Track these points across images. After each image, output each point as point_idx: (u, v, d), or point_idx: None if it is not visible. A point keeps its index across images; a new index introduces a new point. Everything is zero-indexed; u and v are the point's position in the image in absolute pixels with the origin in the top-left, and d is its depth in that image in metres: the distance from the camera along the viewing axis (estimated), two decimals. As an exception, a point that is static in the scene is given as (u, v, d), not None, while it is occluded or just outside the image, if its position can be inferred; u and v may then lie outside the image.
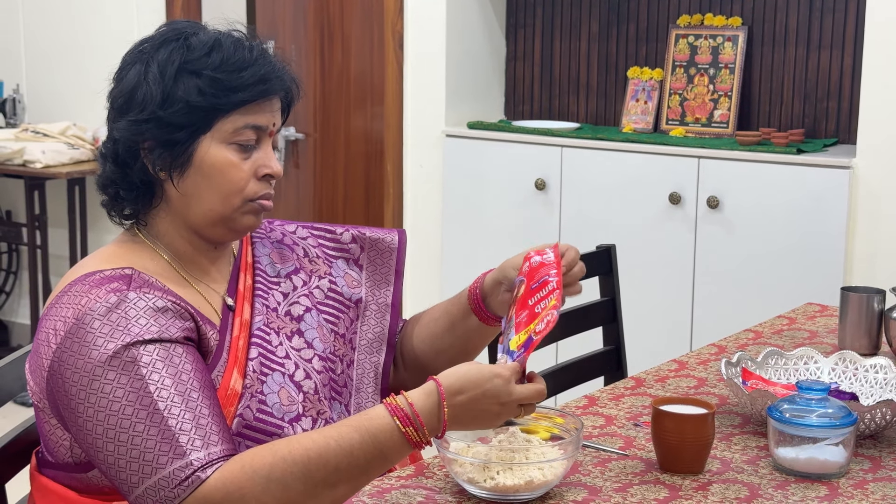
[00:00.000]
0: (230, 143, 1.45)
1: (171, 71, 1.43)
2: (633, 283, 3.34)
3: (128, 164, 1.46)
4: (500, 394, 1.36)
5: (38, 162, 4.30)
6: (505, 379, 1.37)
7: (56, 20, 4.74)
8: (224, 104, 1.43)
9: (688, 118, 3.68)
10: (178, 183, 1.45)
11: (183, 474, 1.28)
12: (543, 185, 3.69)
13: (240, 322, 1.50)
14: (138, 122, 1.43)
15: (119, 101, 1.46)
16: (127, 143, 1.45)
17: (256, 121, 1.46)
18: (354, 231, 1.71)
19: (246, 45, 1.47)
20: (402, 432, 1.34)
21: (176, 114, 1.42)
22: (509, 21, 4.11)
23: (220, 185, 1.45)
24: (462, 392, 1.36)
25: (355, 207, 4.35)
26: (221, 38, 1.47)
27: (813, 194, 3.22)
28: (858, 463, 1.61)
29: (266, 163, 1.48)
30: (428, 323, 1.72)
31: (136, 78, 1.44)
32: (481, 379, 1.36)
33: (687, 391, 1.93)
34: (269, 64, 1.47)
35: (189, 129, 1.43)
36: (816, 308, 2.50)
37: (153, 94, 1.43)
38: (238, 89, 1.44)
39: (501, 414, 1.38)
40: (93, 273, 1.41)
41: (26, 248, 4.64)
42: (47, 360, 1.36)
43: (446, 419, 1.35)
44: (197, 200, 1.46)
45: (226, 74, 1.43)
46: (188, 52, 1.44)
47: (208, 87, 1.43)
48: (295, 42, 4.39)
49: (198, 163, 1.44)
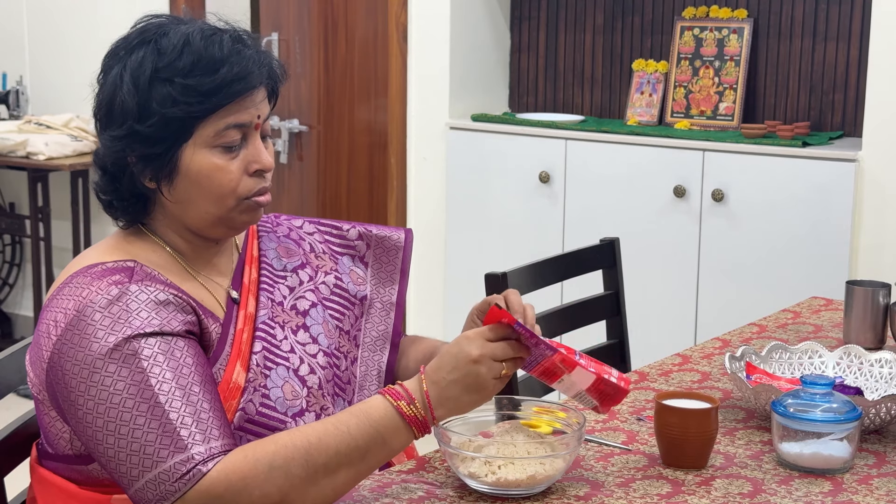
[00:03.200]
0: (214, 146, 1.41)
1: (144, 81, 1.39)
2: (637, 276, 3.33)
3: (117, 176, 1.44)
4: (469, 350, 1.37)
5: (41, 154, 4.30)
6: (469, 338, 1.38)
7: (59, 12, 4.74)
8: (199, 111, 1.39)
9: (693, 111, 3.67)
10: (169, 192, 1.44)
11: (184, 468, 1.27)
12: (548, 177, 3.67)
13: (244, 315, 1.49)
14: (119, 139, 1.41)
15: (100, 113, 1.44)
16: (113, 157, 1.43)
17: (238, 119, 1.42)
18: (361, 228, 1.70)
19: (217, 41, 1.42)
20: (395, 406, 1.36)
21: (153, 126, 1.39)
22: (514, 13, 4.10)
23: (211, 189, 1.43)
24: (439, 367, 1.38)
25: (359, 200, 4.35)
26: (191, 36, 1.41)
27: (818, 187, 3.21)
28: (863, 458, 1.60)
29: (255, 158, 1.44)
30: (413, 353, 1.70)
31: (113, 87, 1.41)
32: (450, 347, 1.39)
33: (690, 385, 1.92)
34: (243, 58, 1.42)
35: (168, 140, 1.40)
36: (821, 302, 2.49)
37: (129, 106, 1.39)
38: (212, 93, 1.39)
39: (481, 373, 1.37)
40: (94, 265, 1.40)
41: (29, 241, 4.64)
42: (47, 351, 1.36)
43: (427, 390, 1.36)
44: (191, 205, 1.44)
45: (198, 79, 1.39)
46: (159, 58, 1.40)
47: (181, 95, 1.38)
48: (299, 34, 4.38)
49: (184, 171, 1.42)
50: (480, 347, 1.37)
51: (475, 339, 1.38)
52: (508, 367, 1.39)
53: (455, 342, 1.40)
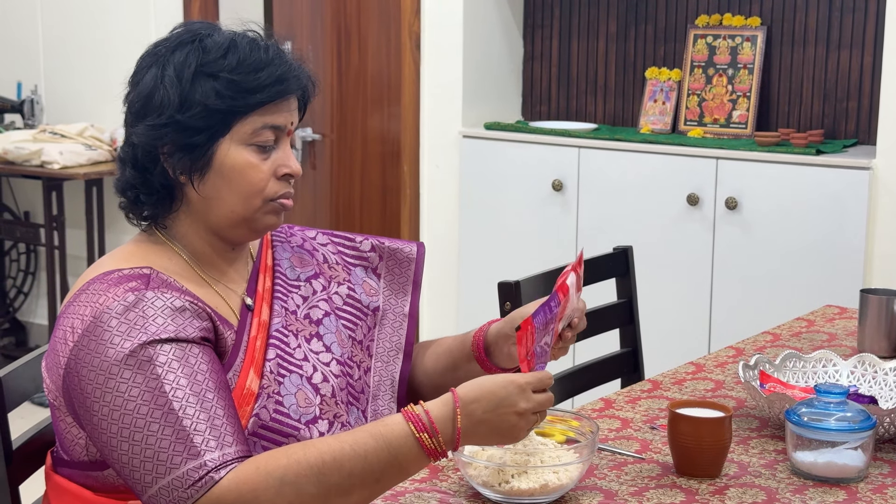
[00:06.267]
0: (249, 144, 1.45)
1: (188, 74, 1.43)
2: (650, 284, 3.33)
3: (147, 168, 1.46)
4: (517, 401, 1.35)
5: (55, 163, 4.31)
6: (519, 386, 1.36)
7: (74, 21, 4.76)
8: (242, 106, 1.43)
9: (706, 119, 3.66)
10: (199, 186, 1.45)
11: (197, 475, 1.28)
12: (561, 186, 3.67)
13: (258, 322, 1.50)
14: (156, 127, 1.43)
15: (136, 105, 1.46)
16: (146, 147, 1.45)
17: (275, 121, 1.46)
18: (374, 240, 1.71)
19: (261, 46, 1.47)
20: (416, 437, 1.33)
21: (194, 117, 1.42)
22: (527, 21, 4.10)
23: (241, 186, 1.45)
24: (477, 401, 1.35)
25: (372, 208, 4.35)
26: (237, 39, 1.47)
27: (832, 195, 3.20)
28: (877, 467, 1.59)
29: (285, 162, 1.48)
30: (431, 356, 1.70)
31: (153, 82, 1.44)
32: (496, 386, 1.36)
33: (704, 394, 1.91)
34: (285, 63, 1.47)
35: (208, 132, 1.43)
36: (835, 310, 2.49)
37: (170, 97, 1.42)
38: (255, 90, 1.44)
39: (518, 425, 1.36)
40: (111, 272, 1.41)
41: (44, 249, 4.66)
42: (64, 357, 1.36)
43: (460, 427, 1.34)
44: (217, 203, 1.46)
45: (242, 76, 1.43)
46: (204, 55, 1.44)
47: (225, 89, 1.42)
48: (312, 42, 4.39)
49: (217, 165, 1.45)
50: (528, 401, 1.36)
51: (526, 391, 1.36)
52: (539, 419, 1.39)
53: (504, 384, 1.36)
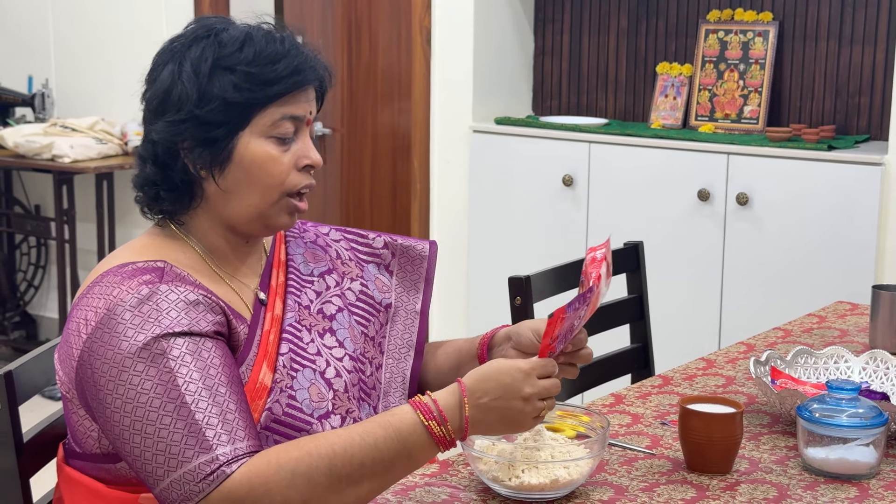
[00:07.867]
0: (269, 136, 1.45)
1: (205, 68, 1.43)
2: (661, 280, 3.32)
3: (168, 164, 1.46)
4: (521, 387, 1.36)
5: (66, 157, 4.32)
6: (524, 372, 1.37)
7: (85, 16, 4.77)
8: (260, 98, 1.44)
9: (717, 114, 3.65)
10: (220, 180, 1.46)
11: (208, 468, 1.28)
12: (571, 181, 3.67)
13: (271, 317, 1.50)
14: (176, 123, 1.44)
15: (154, 102, 1.46)
16: (166, 144, 1.45)
17: (294, 111, 1.47)
18: (386, 238, 1.72)
19: (277, 38, 1.47)
20: (426, 426, 1.34)
21: (213, 111, 1.43)
22: (538, 16, 4.10)
23: (261, 179, 1.46)
24: (483, 388, 1.36)
25: (382, 203, 4.36)
26: (252, 32, 1.47)
27: (844, 191, 3.19)
28: (889, 464, 1.59)
29: (306, 153, 1.49)
30: (441, 355, 1.70)
31: (170, 78, 1.45)
32: (500, 373, 1.37)
33: (715, 390, 1.91)
34: (301, 54, 1.47)
35: (227, 125, 1.43)
36: (847, 306, 2.48)
37: (189, 93, 1.43)
38: (273, 82, 1.44)
39: (525, 410, 1.37)
40: (125, 265, 1.41)
41: (55, 243, 4.67)
42: (77, 350, 1.37)
43: (468, 415, 1.35)
44: (237, 196, 1.47)
45: (259, 68, 1.43)
46: (220, 49, 1.44)
47: (243, 81, 1.43)
48: (323, 37, 4.39)
49: (238, 158, 1.45)
50: (533, 386, 1.37)
51: (530, 377, 1.37)
52: (547, 407, 1.39)
53: (508, 371, 1.37)
